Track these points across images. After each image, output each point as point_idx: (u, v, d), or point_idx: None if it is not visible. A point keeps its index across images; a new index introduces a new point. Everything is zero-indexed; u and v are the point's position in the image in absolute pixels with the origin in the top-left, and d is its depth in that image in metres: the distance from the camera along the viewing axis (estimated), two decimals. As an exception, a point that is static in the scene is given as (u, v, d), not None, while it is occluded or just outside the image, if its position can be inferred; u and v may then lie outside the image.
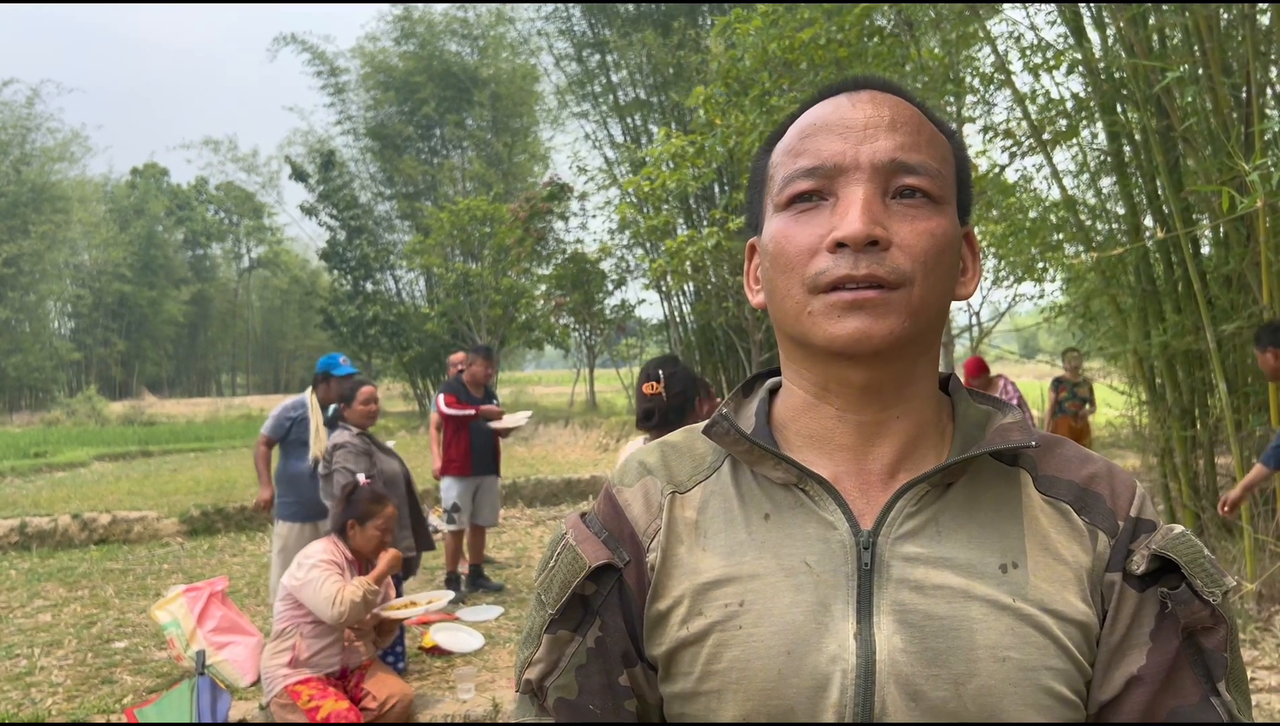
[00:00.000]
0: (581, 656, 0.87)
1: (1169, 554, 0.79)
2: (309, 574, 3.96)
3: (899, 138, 0.82)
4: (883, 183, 0.81)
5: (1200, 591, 0.78)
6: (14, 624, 6.42)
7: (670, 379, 3.54)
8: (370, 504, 4.23)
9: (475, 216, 20.53)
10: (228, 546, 9.22)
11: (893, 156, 0.81)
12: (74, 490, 12.11)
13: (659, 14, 17.86)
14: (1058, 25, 6.55)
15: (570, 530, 0.91)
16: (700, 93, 8.01)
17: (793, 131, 0.86)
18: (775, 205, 0.85)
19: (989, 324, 14.01)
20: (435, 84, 25.63)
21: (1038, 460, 0.87)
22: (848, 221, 0.78)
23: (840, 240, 0.78)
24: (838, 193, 0.81)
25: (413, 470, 5.60)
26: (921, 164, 0.81)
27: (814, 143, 0.83)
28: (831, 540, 0.81)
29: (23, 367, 34.77)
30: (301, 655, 3.99)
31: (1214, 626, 0.78)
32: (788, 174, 0.84)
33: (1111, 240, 6.86)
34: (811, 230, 0.81)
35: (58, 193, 35.49)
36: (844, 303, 0.78)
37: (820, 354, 0.82)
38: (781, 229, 0.83)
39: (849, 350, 0.79)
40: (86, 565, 8.33)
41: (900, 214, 0.80)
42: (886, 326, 0.78)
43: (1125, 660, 0.79)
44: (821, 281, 0.79)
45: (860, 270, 0.77)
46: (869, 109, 0.83)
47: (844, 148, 0.81)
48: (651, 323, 22.14)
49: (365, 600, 3.96)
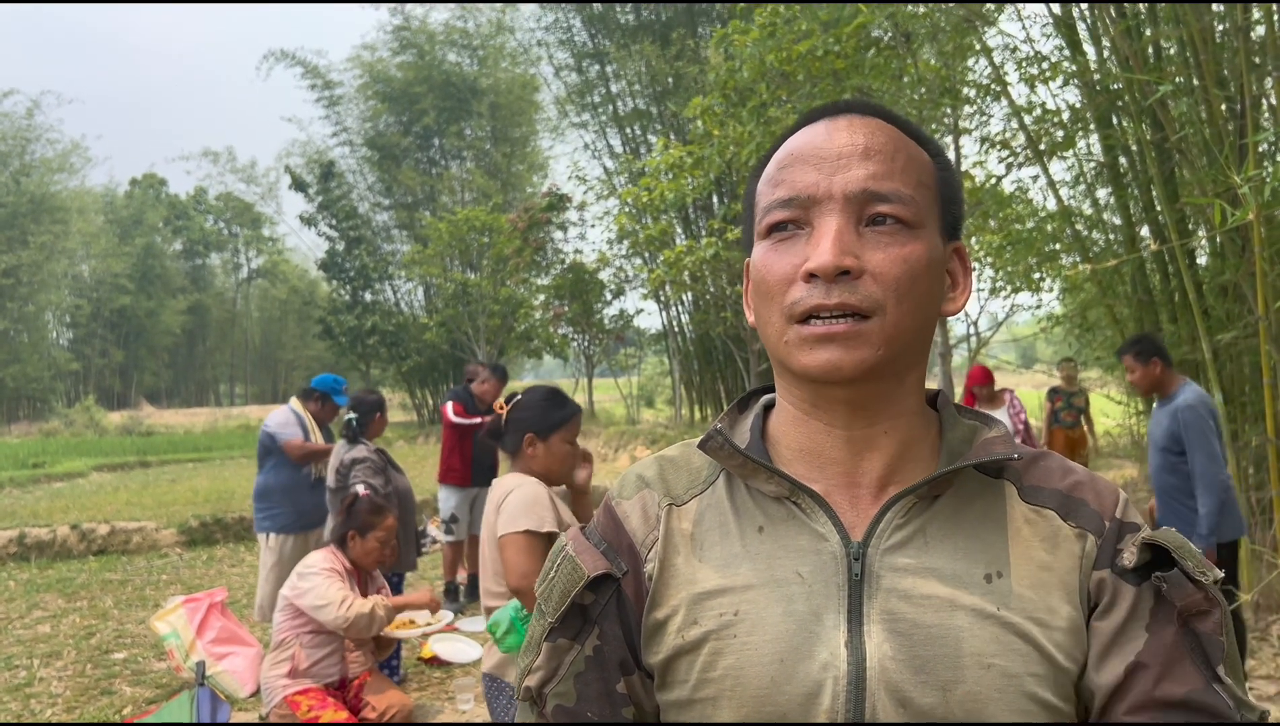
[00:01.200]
0: (580, 664, 0.90)
1: (1159, 540, 0.81)
2: (311, 581, 3.97)
3: (871, 166, 0.84)
4: (856, 211, 0.83)
5: (1191, 573, 0.80)
6: (13, 635, 6.41)
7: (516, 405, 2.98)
8: (370, 515, 4.24)
9: (474, 226, 20.56)
10: (226, 557, 9.21)
11: (864, 186, 0.83)
12: (72, 501, 12.10)
13: (658, 25, 17.94)
14: (1054, 37, 6.60)
15: (570, 542, 0.95)
16: (698, 103, 8.05)
17: (773, 162, 0.89)
18: (759, 233, 0.88)
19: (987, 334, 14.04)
20: (434, 94, 25.66)
21: (1022, 472, 0.89)
22: (819, 252, 0.81)
23: (812, 271, 0.81)
24: (813, 223, 0.83)
25: (413, 480, 5.62)
26: (894, 191, 0.83)
27: (790, 174, 0.86)
28: (823, 551, 0.84)
29: (21, 378, 34.72)
30: (301, 665, 3.99)
31: (1209, 609, 0.80)
32: (767, 204, 0.87)
33: (1108, 251, 6.89)
34: (788, 260, 0.84)
35: (57, 203, 35.47)
36: (816, 335, 0.81)
37: (796, 375, 0.86)
38: (763, 258, 0.86)
39: (822, 379, 0.83)
40: (85, 576, 8.33)
41: (873, 242, 0.82)
42: (857, 357, 0.81)
43: (1124, 648, 0.80)
44: (796, 311, 0.82)
45: (832, 299, 0.80)
46: (844, 136, 0.85)
47: (818, 178, 0.84)
48: (650, 332, 22.17)
49: (374, 615, 3.96)
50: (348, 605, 3.90)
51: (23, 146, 35.01)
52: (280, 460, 5.71)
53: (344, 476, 5.17)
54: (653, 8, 18.08)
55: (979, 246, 9.44)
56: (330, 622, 3.91)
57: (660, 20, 18.10)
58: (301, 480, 5.67)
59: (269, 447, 5.74)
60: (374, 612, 3.97)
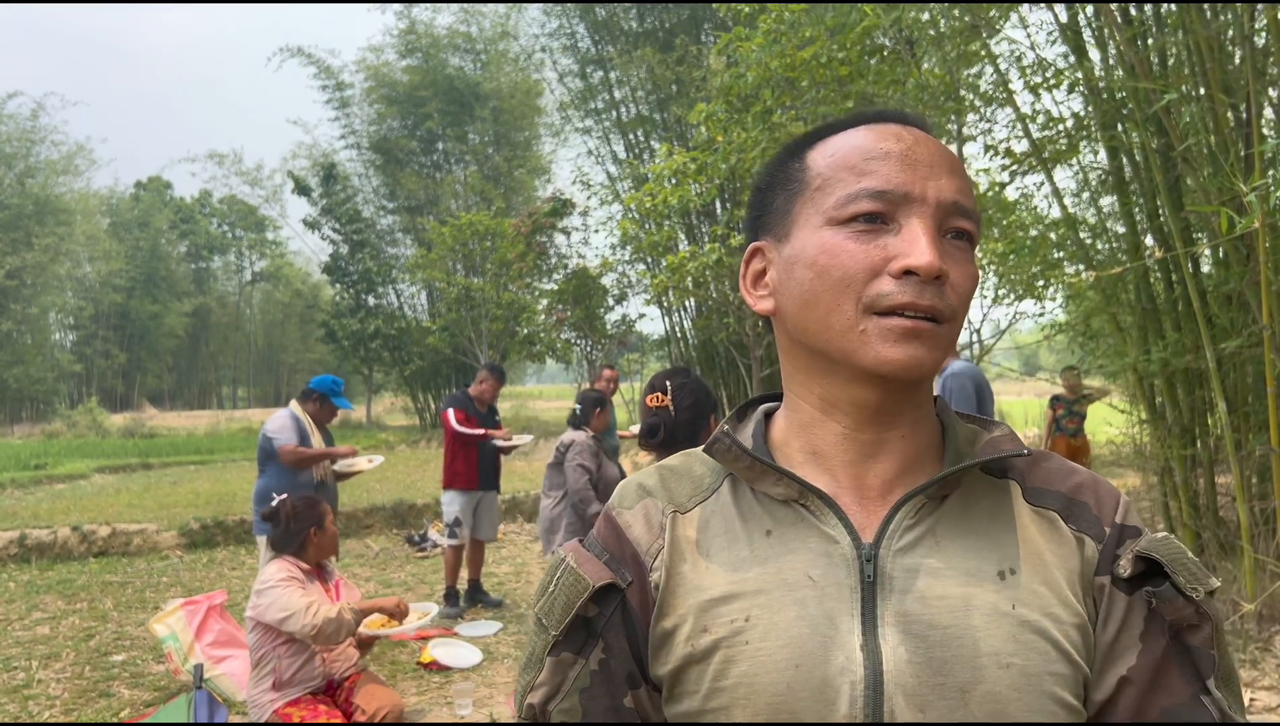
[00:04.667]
0: (585, 679, 0.87)
1: (1152, 553, 0.81)
2: (270, 595, 3.92)
3: (958, 181, 0.85)
4: (941, 220, 0.83)
5: (1183, 588, 0.80)
6: (12, 636, 6.40)
7: (679, 391, 3.19)
8: (313, 506, 4.25)
9: (477, 231, 20.59)
10: (227, 560, 9.20)
11: (955, 198, 0.84)
12: (74, 502, 12.09)
13: (662, 31, 17.97)
14: (1058, 44, 6.59)
15: (570, 553, 0.92)
16: (702, 109, 8.04)
17: (853, 150, 0.86)
18: (829, 218, 0.84)
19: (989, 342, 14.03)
20: (439, 98, 25.69)
21: (1025, 473, 0.90)
22: (919, 252, 0.80)
23: (911, 268, 0.80)
24: (900, 220, 0.82)
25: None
26: (972, 209, 0.86)
27: (881, 166, 0.83)
28: (834, 553, 0.83)
29: (24, 379, 34.71)
30: (284, 676, 3.95)
31: (1199, 624, 0.80)
32: (851, 191, 0.83)
33: (1112, 258, 6.87)
34: (872, 251, 0.82)
35: (61, 205, 35.50)
36: (902, 328, 0.80)
37: (849, 371, 0.84)
38: (839, 243, 0.83)
39: (898, 375, 0.81)
40: (85, 578, 8.32)
41: (952, 253, 0.84)
42: (934, 358, 0.81)
43: (1117, 662, 0.81)
44: (882, 304, 0.80)
45: (924, 300, 0.80)
46: (930, 146, 0.86)
47: (912, 179, 0.83)
48: (653, 338, 22.17)
49: (342, 619, 3.92)
50: (313, 611, 3.85)
51: (28, 148, 35.00)
52: (278, 464, 5.73)
53: (560, 455, 5.34)
54: (656, 14, 18.11)
55: (982, 254, 9.42)
56: (298, 631, 3.85)
57: (664, 26, 18.12)
58: (302, 483, 5.66)
59: (268, 451, 5.75)
60: (341, 616, 3.92)
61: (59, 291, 38.87)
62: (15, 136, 34.54)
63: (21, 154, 34.83)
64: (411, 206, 27.84)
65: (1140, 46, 5.64)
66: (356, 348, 25.32)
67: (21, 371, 34.37)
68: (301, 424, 5.84)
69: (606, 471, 5.32)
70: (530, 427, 20.48)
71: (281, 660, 3.95)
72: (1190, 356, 5.79)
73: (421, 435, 23.13)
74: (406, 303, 28.34)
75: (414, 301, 28.54)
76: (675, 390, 3.18)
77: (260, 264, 57.77)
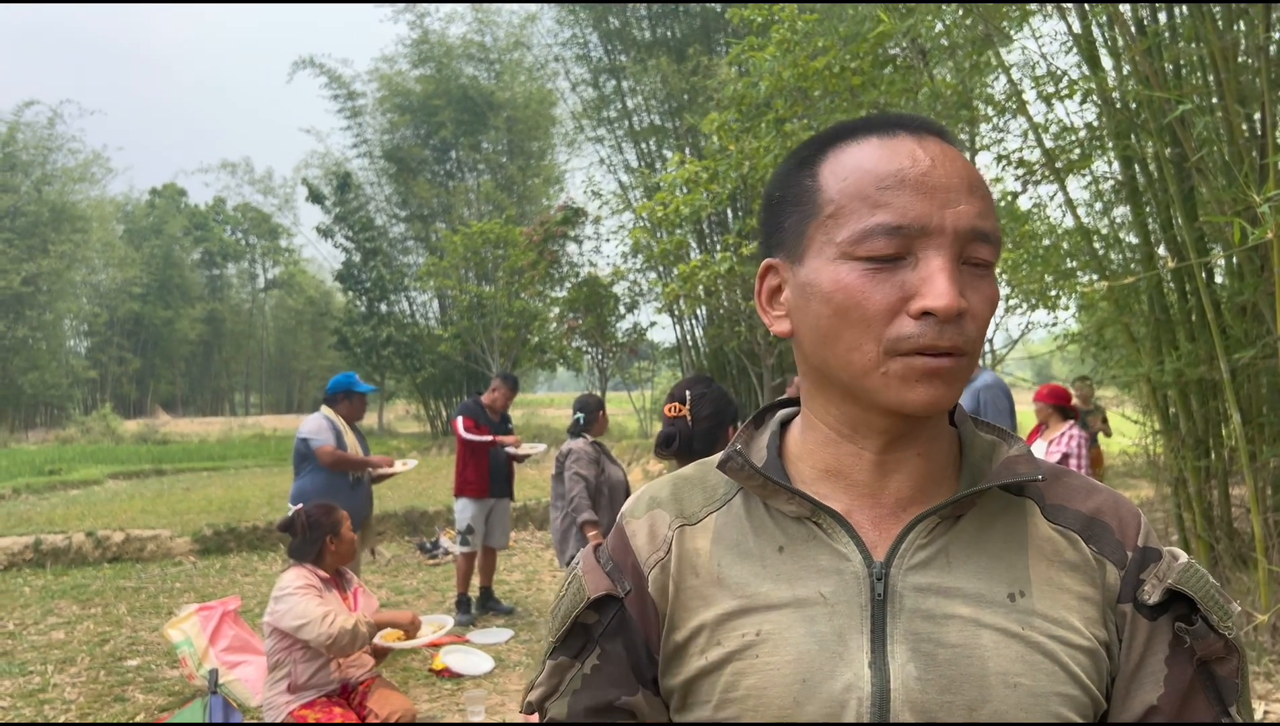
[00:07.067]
0: (578, 682, 0.91)
1: (1184, 589, 0.81)
2: (288, 603, 3.93)
3: (977, 203, 0.81)
4: (960, 248, 0.80)
5: (1216, 625, 0.81)
6: (28, 641, 6.45)
7: (698, 401, 3.14)
8: (329, 514, 4.26)
9: (489, 239, 20.65)
10: (240, 566, 9.24)
11: (973, 225, 0.80)
12: (88, 508, 12.16)
13: (674, 40, 18.03)
14: (1072, 54, 6.59)
15: (581, 561, 0.96)
16: (714, 119, 8.07)
17: (865, 175, 0.82)
18: (843, 253, 0.81)
19: (1003, 351, 14.00)
20: (452, 107, 25.79)
21: (1044, 490, 0.89)
22: (937, 292, 0.77)
23: (930, 310, 0.77)
24: (917, 254, 0.79)
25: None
26: (992, 232, 0.82)
27: (895, 197, 0.80)
28: (845, 571, 0.84)
29: (39, 385, 34.93)
30: (299, 679, 3.97)
31: (1227, 656, 0.81)
32: (865, 227, 0.80)
33: (1125, 268, 6.85)
34: (890, 290, 0.79)
35: (77, 212, 35.76)
36: (924, 369, 0.79)
37: (869, 402, 0.83)
38: (855, 282, 0.80)
39: (919, 413, 0.81)
40: (100, 583, 8.37)
41: (970, 281, 0.81)
42: (954, 393, 0.81)
43: (1143, 688, 0.82)
44: (904, 346, 0.79)
45: (945, 341, 0.78)
46: (948, 164, 0.82)
47: (929, 209, 0.79)
48: (664, 346, 22.17)
49: (357, 632, 3.94)
50: (329, 621, 3.86)
51: (44, 156, 35.23)
52: (317, 464, 5.87)
53: (560, 466, 5.39)
54: (668, 23, 18.17)
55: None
56: (314, 640, 3.86)
57: (676, 36, 18.19)
58: (339, 483, 5.85)
59: (304, 453, 5.94)
60: (357, 629, 3.93)
61: (74, 298, 39.12)
62: (32, 144, 34.80)
63: (39, 162, 35.07)
64: (424, 214, 27.97)
65: (1154, 56, 5.63)
66: (369, 355, 25.40)
67: (36, 377, 34.59)
68: (335, 426, 6.00)
69: (610, 474, 5.37)
70: (541, 435, 20.50)
71: (297, 665, 3.97)
72: (1204, 367, 5.77)
73: (433, 442, 23.17)
74: (418, 310, 28.47)
75: (426, 309, 28.68)
76: (695, 400, 3.16)
77: (273, 271, 58.05)
